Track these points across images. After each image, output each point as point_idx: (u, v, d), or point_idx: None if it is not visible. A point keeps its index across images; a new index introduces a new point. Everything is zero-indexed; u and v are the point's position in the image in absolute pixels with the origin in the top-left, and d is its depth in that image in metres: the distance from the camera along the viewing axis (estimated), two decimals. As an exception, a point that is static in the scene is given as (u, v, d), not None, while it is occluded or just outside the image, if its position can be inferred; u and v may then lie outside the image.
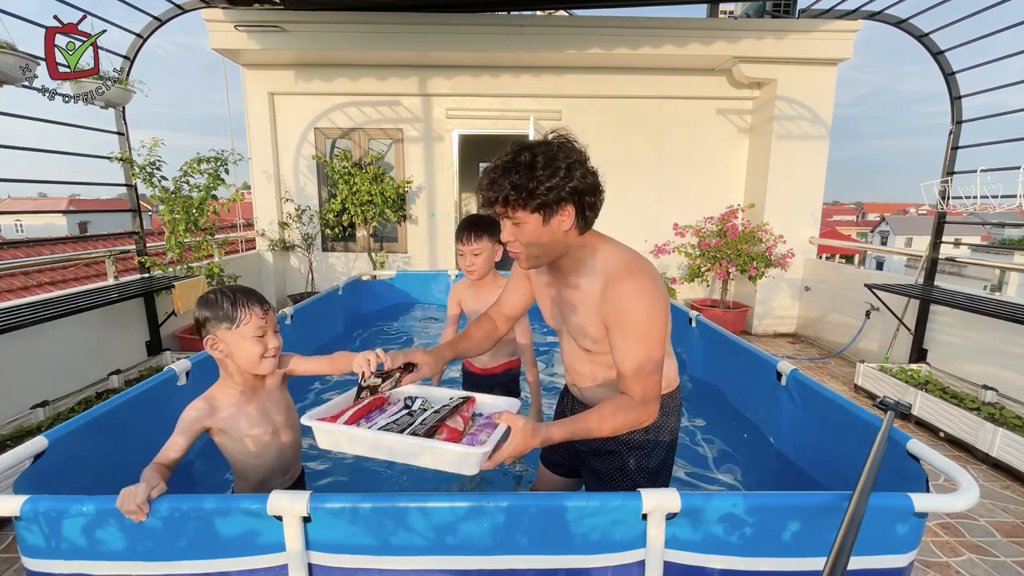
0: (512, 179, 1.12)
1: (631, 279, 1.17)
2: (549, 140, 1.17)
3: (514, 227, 1.19)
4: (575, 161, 1.14)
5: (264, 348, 1.31)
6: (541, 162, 1.11)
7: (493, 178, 1.15)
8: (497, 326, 1.57)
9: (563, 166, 1.12)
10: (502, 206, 1.16)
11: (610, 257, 1.23)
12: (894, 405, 1.29)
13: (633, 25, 4.86)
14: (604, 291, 1.20)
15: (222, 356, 1.32)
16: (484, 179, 1.18)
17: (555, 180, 1.11)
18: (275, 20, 4.63)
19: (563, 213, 1.15)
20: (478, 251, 1.99)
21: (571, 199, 1.14)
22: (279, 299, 5.68)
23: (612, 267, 1.21)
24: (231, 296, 1.29)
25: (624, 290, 1.17)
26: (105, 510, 1.06)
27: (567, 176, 1.12)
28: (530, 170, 1.11)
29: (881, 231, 38.60)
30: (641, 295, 1.16)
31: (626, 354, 1.17)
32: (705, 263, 5.18)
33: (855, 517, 0.90)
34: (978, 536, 2.19)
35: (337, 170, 5.34)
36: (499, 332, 1.57)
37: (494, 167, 1.16)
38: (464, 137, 5.66)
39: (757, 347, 2.39)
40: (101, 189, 4.22)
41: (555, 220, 1.16)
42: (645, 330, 1.16)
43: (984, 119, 3.75)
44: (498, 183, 1.14)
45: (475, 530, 1.09)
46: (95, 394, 3.13)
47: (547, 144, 1.15)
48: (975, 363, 3.48)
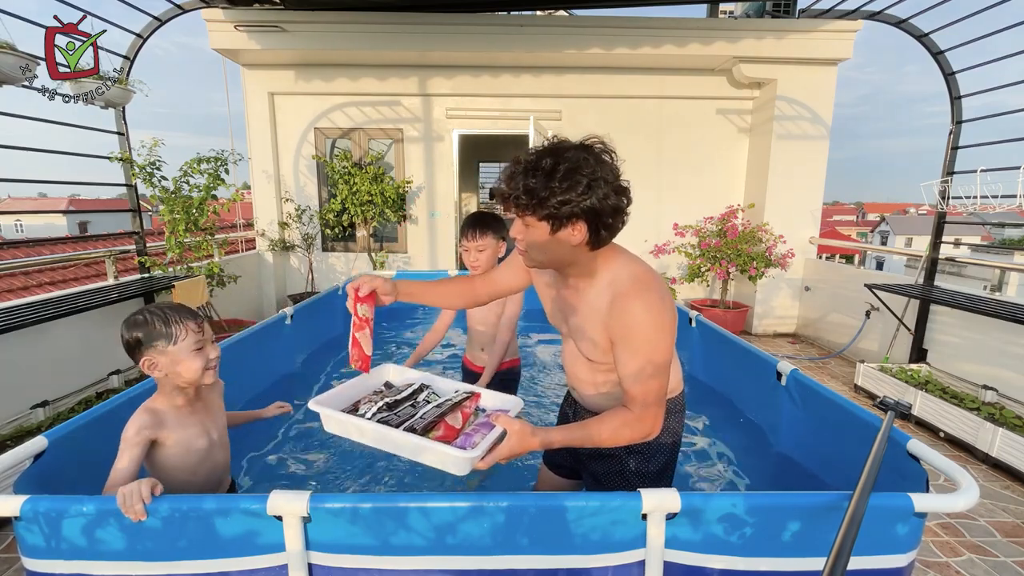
0: (528, 182, 1.08)
1: (639, 297, 1.13)
2: (585, 146, 1.11)
3: (523, 227, 1.16)
4: (600, 178, 1.07)
5: (206, 359, 1.30)
6: (562, 172, 1.06)
7: (511, 174, 1.12)
8: (476, 294, 1.52)
9: (584, 181, 1.06)
10: (512, 205, 1.13)
11: (619, 270, 1.20)
12: (894, 405, 1.29)
13: (633, 25, 4.86)
14: (611, 306, 1.16)
15: (162, 375, 1.28)
16: (504, 173, 1.15)
17: (571, 195, 1.06)
18: (275, 20, 4.63)
19: (574, 228, 1.11)
20: (482, 247, 1.99)
21: (584, 216, 1.09)
22: (279, 299, 5.68)
23: (621, 282, 1.17)
24: (162, 314, 1.27)
25: (632, 307, 1.13)
26: (105, 510, 1.06)
27: (586, 193, 1.06)
28: (548, 178, 1.06)
29: (881, 231, 38.61)
30: (649, 314, 1.12)
31: (631, 372, 1.14)
32: (705, 263, 5.18)
33: (855, 517, 0.90)
34: (978, 536, 2.19)
35: (337, 170, 5.34)
36: (474, 299, 1.52)
37: (515, 163, 1.12)
38: (464, 137, 5.66)
39: (757, 347, 2.39)
40: (101, 189, 4.22)
41: (564, 232, 1.11)
42: (651, 350, 1.12)
43: (984, 119, 3.75)
44: (514, 182, 1.11)
45: (475, 530, 1.09)
46: (95, 394, 3.13)
47: (577, 152, 1.09)
48: (975, 363, 3.48)
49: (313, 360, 3.39)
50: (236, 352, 2.41)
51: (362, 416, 1.26)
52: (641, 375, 1.13)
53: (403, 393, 1.39)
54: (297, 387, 2.99)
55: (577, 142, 1.12)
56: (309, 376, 3.23)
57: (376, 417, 1.26)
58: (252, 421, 1.63)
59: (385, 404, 1.31)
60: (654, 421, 1.17)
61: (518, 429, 1.14)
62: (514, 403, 1.39)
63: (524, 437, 1.14)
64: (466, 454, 1.09)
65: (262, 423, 1.68)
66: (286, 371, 3.04)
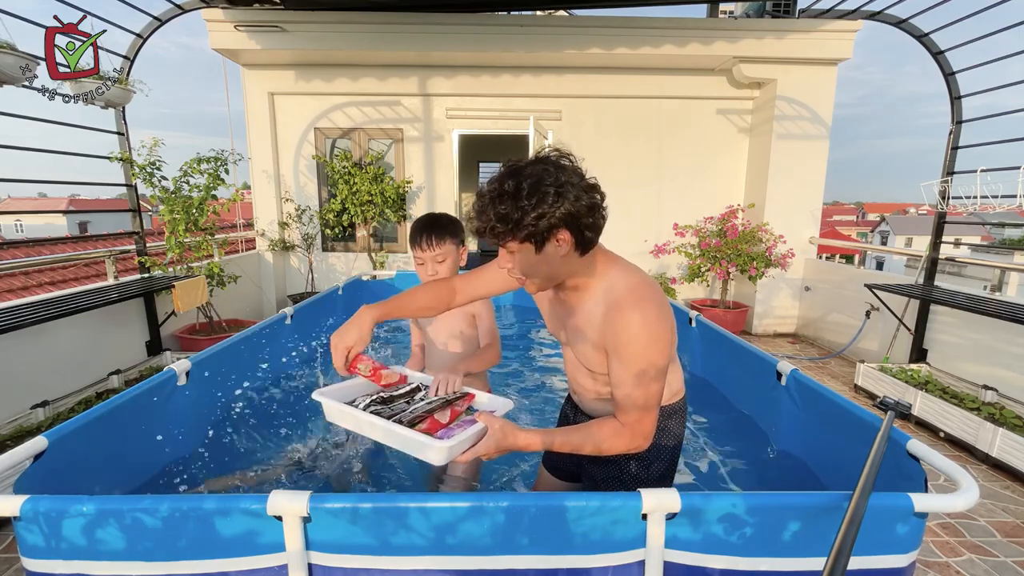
0: (498, 209, 1.07)
1: (636, 309, 1.11)
2: (540, 159, 1.11)
3: (509, 255, 1.15)
4: (565, 183, 1.06)
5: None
6: (526, 189, 1.05)
7: (481, 208, 1.10)
8: (455, 297, 1.44)
9: (551, 191, 1.05)
10: (491, 237, 1.11)
11: (616, 280, 1.18)
12: (894, 405, 1.29)
13: (633, 25, 4.85)
14: (606, 316, 1.15)
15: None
16: (473, 208, 1.13)
17: (543, 208, 1.05)
18: (275, 20, 4.63)
19: (557, 239, 1.09)
20: (442, 256, 1.74)
21: (564, 224, 1.07)
22: (279, 299, 5.68)
23: (617, 292, 1.15)
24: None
25: (627, 320, 1.11)
26: (105, 510, 1.06)
27: (557, 201, 1.05)
28: (515, 199, 1.05)
29: (881, 231, 38.61)
30: (644, 327, 1.11)
31: (623, 385, 1.14)
32: (705, 263, 5.18)
33: (855, 517, 0.89)
34: (978, 536, 2.19)
35: (337, 170, 5.34)
36: (452, 302, 1.45)
37: (481, 195, 1.11)
38: (464, 137, 5.66)
39: (757, 347, 2.39)
40: (101, 189, 4.22)
41: (549, 247, 1.10)
42: (644, 364, 1.11)
43: (984, 119, 3.75)
44: (485, 213, 1.09)
45: (475, 530, 1.09)
46: (95, 394, 3.13)
47: (535, 167, 1.08)
48: (975, 363, 3.48)
49: (313, 360, 3.39)
50: (236, 352, 2.41)
51: (355, 407, 1.30)
52: (632, 386, 1.12)
53: (400, 391, 1.43)
54: (297, 387, 2.99)
55: (531, 157, 1.12)
56: (309, 376, 3.23)
57: (370, 409, 1.29)
58: None
59: (380, 398, 1.34)
60: (646, 432, 1.16)
61: (499, 428, 1.14)
62: (503, 404, 1.39)
63: (505, 436, 1.14)
64: (441, 443, 1.12)
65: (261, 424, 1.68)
66: (286, 371, 3.04)
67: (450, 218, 1.81)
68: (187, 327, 4.33)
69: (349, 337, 1.24)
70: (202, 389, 2.12)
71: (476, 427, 1.19)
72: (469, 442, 1.17)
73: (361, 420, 1.26)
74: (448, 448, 1.11)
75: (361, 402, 1.32)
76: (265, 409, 2.62)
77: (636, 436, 1.15)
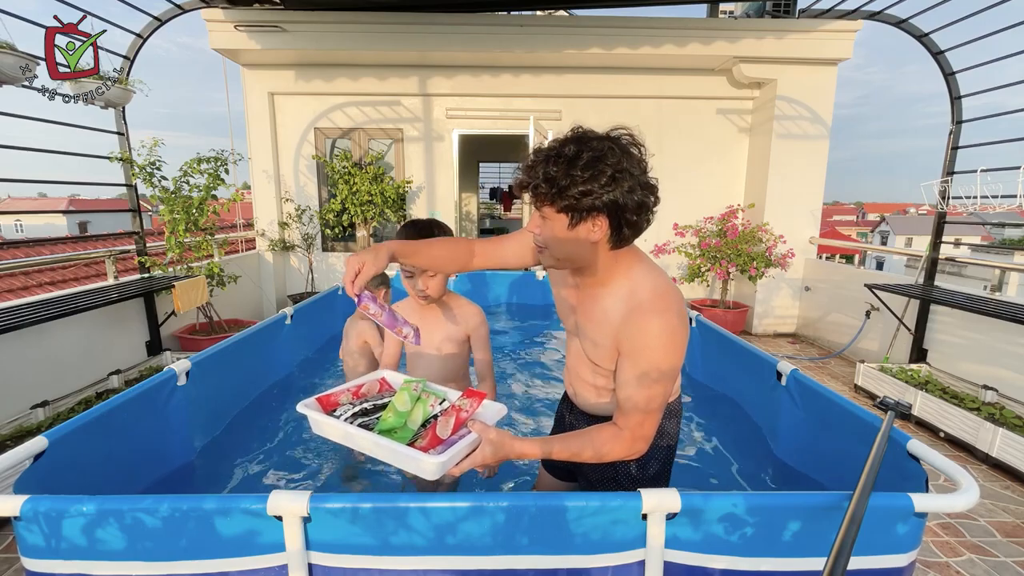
0: (548, 170, 1.02)
1: (659, 317, 1.08)
2: (611, 137, 1.06)
3: (541, 220, 1.11)
4: (625, 170, 1.02)
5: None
6: (584, 160, 1.00)
7: (532, 163, 1.06)
8: (472, 260, 1.38)
9: (609, 172, 1.00)
10: (532, 195, 1.08)
11: (641, 280, 1.14)
12: (894, 405, 1.29)
13: (633, 25, 4.85)
14: (626, 318, 1.11)
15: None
16: (525, 161, 1.09)
17: (592, 185, 1.00)
18: (275, 20, 4.62)
19: (594, 223, 1.05)
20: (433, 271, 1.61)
21: (606, 211, 1.03)
22: (279, 299, 5.68)
23: (641, 296, 1.12)
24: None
25: (648, 326, 1.08)
26: (105, 510, 1.06)
27: (609, 185, 1.00)
28: (570, 165, 1.00)
29: (881, 231, 38.59)
30: (664, 335, 1.08)
31: (628, 386, 1.11)
32: (705, 263, 5.18)
33: (855, 517, 0.89)
34: (978, 536, 2.19)
35: (337, 170, 5.34)
36: (467, 265, 1.38)
37: (538, 151, 1.07)
38: (464, 137, 5.66)
39: (757, 347, 2.39)
40: (101, 189, 4.22)
41: (583, 227, 1.06)
42: (658, 372, 1.08)
43: (984, 119, 3.75)
44: (534, 170, 1.05)
45: (475, 530, 1.09)
46: (95, 394, 3.13)
47: (602, 142, 1.04)
48: (975, 363, 3.48)
49: (313, 360, 3.39)
50: (236, 352, 2.41)
51: (337, 417, 1.21)
52: (637, 389, 1.10)
53: (384, 399, 1.32)
54: (297, 387, 2.99)
55: (604, 132, 1.07)
56: (309, 376, 3.23)
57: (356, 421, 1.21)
58: None
59: (363, 410, 1.26)
60: (646, 436, 1.14)
61: (494, 438, 1.10)
62: (496, 410, 1.31)
63: (501, 446, 1.10)
64: (435, 458, 1.05)
65: (261, 424, 1.67)
66: (286, 371, 3.04)
67: (437, 224, 1.64)
68: (187, 327, 4.33)
69: (363, 256, 1.15)
70: (203, 389, 2.12)
71: (469, 438, 1.12)
72: (462, 454, 1.11)
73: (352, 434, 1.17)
74: (440, 463, 1.05)
75: (345, 411, 1.24)
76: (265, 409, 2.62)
77: (636, 440, 1.13)
